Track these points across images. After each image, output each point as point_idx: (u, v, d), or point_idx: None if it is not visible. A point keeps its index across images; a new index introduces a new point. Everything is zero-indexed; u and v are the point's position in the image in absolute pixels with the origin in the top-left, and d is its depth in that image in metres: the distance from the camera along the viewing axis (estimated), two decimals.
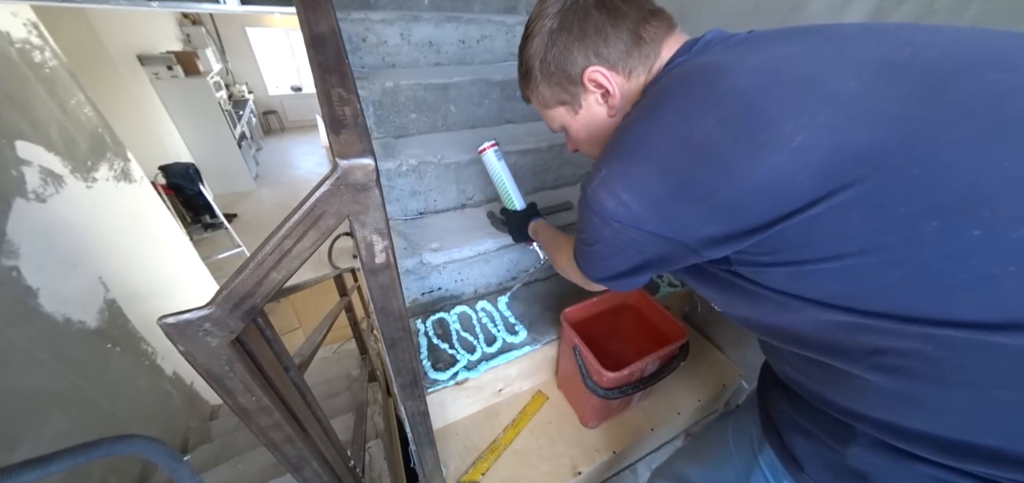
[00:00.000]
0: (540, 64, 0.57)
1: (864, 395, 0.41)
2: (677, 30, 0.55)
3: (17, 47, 1.60)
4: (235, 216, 4.31)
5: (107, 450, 0.54)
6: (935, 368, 0.34)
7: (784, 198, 0.37)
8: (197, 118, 4.32)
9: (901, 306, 0.34)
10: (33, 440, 1.23)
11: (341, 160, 0.32)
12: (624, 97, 0.55)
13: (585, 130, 0.61)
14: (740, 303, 0.49)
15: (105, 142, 1.98)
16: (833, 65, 0.37)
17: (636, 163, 0.45)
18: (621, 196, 0.46)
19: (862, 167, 0.33)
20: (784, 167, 0.36)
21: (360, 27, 1.30)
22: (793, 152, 0.35)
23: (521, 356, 1.10)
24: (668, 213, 0.44)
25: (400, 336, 0.49)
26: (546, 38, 0.55)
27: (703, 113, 0.41)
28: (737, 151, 0.38)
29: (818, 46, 0.40)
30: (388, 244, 0.39)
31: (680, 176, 0.42)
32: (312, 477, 0.51)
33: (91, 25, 3.22)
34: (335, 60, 0.39)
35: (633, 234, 0.47)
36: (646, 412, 1.21)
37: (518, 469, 1.05)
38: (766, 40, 0.45)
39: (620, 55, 0.52)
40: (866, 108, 0.34)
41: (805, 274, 0.38)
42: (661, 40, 0.52)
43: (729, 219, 0.40)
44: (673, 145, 0.43)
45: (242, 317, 0.34)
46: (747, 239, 0.40)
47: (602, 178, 0.48)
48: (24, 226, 1.38)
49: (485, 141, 1.00)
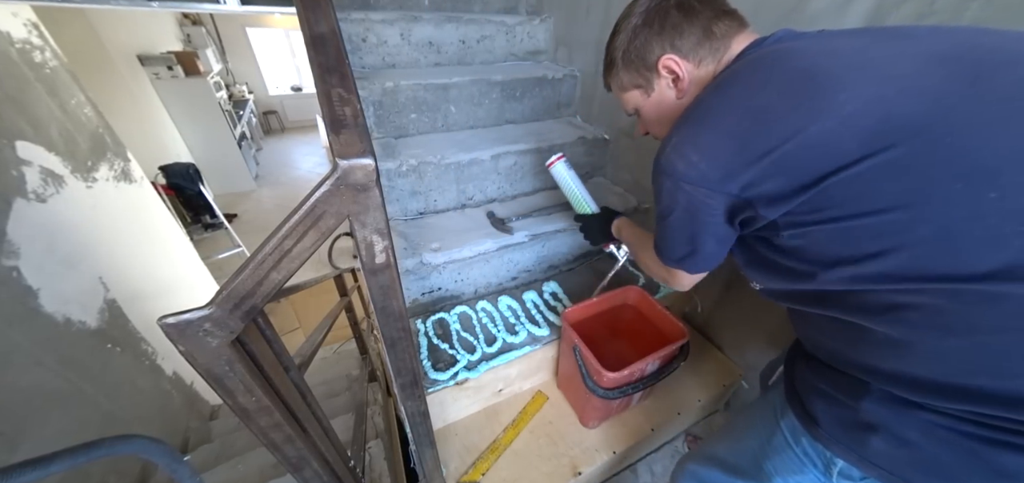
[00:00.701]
0: (623, 55, 0.65)
1: (878, 349, 0.46)
2: (748, 29, 0.60)
3: (17, 47, 1.60)
4: (235, 216, 4.31)
5: (107, 450, 0.54)
6: (942, 318, 0.40)
7: (832, 155, 0.42)
8: (197, 118, 4.32)
9: (925, 263, 0.39)
10: (33, 440, 1.23)
11: (341, 160, 0.32)
12: (692, 82, 0.61)
13: (655, 110, 0.68)
14: (778, 276, 0.55)
15: (105, 142, 1.98)
16: (893, 55, 0.43)
17: (705, 128, 0.53)
18: (690, 157, 0.52)
19: (904, 132, 0.39)
20: (835, 130, 0.42)
21: (360, 27, 1.30)
22: (844, 118, 0.41)
23: (521, 356, 1.10)
24: (733, 170, 0.49)
25: (400, 336, 0.49)
26: (631, 33, 0.63)
27: (767, 86, 0.48)
28: (794, 116, 0.44)
29: (884, 40, 0.45)
30: (388, 244, 0.39)
31: (743, 137, 0.48)
32: (312, 477, 0.51)
33: (91, 25, 3.22)
34: (335, 60, 0.39)
35: (703, 195, 0.53)
36: (646, 412, 1.21)
37: (518, 469, 1.05)
38: (834, 34, 0.51)
39: (692, 46, 0.59)
40: (916, 86, 0.40)
41: (845, 232, 0.43)
42: (731, 36, 0.59)
43: (784, 175, 0.46)
44: (738, 112, 0.50)
45: (242, 317, 0.34)
46: (798, 196, 0.45)
47: (673, 144, 0.55)
48: (24, 226, 1.38)
49: (551, 154, 1.09)
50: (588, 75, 1.51)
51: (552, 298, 1.27)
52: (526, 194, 1.45)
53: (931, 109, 0.38)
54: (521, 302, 1.24)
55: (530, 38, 1.61)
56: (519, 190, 1.43)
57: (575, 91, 1.58)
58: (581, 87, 1.56)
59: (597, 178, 1.58)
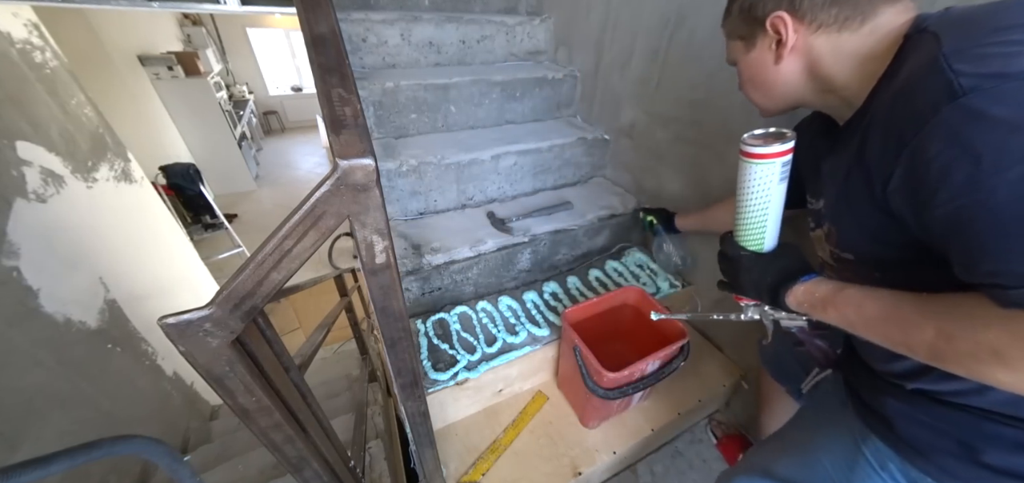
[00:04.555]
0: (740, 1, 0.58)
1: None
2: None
3: (18, 48, 1.60)
4: (235, 216, 4.31)
5: (107, 450, 0.54)
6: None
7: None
8: (197, 118, 4.32)
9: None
10: (33, 440, 1.23)
11: (341, 160, 0.32)
12: (800, 51, 0.53)
13: (749, 69, 0.60)
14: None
15: (105, 142, 1.98)
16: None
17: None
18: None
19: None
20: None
21: (360, 27, 1.30)
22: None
23: (521, 356, 1.10)
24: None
25: (400, 336, 0.49)
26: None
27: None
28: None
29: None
30: (388, 244, 0.39)
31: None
32: (312, 477, 0.51)
33: (91, 26, 3.22)
34: (336, 60, 0.39)
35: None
36: (646, 412, 1.21)
37: (518, 469, 1.05)
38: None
39: (819, 4, 0.49)
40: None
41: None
42: (880, 3, 0.47)
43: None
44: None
45: (242, 317, 0.34)
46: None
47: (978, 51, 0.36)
48: (25, 226, 1.38)
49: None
50: (588, 75, 1.51)
51: (552, 298, 1.27)
52: (526, 194, 1.45)
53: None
54: (521, 302, 1.24)
55: (530, 38, 1.61)
56: (519, 190, 1.43)
57: (575, 91, 1.58)
58: (581, 87, 1.56)
59: (597, 178, 1.58)
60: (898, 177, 0.42)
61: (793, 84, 0.56)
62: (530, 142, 1.34)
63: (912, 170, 0.40)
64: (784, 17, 0.51)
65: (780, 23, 0.52)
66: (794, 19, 0.51)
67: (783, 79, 0.56)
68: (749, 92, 0.63)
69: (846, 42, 0.50)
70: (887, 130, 0.43)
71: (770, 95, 0.60)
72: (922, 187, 0.39)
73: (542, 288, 1.30)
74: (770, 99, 0.61)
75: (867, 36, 0.48)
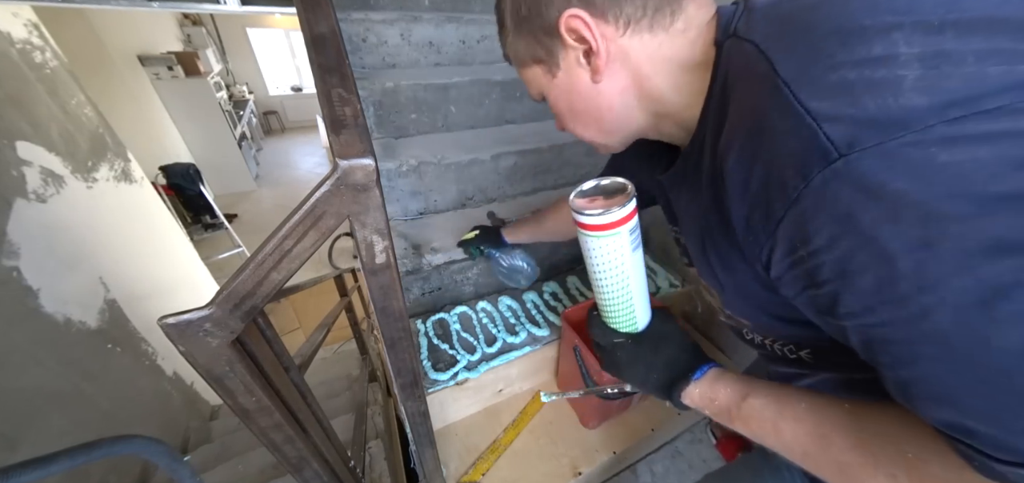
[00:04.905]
0: (511, 6, 0.43)
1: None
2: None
3: (18, 48, 1.60)
4: (235, 216, 4.31)
5: (107, 450, 0.54)
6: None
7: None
8: (197, 118, 4.33)
9: None
10: (33, 440, 1.23)
11: (341, 160, 0.32)
12: (617, 59, 0.39)
13: (565, 99, 0.45)
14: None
15: (105, 142, 1.98)
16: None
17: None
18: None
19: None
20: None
21: (360, 27, 1.30)
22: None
23: (521, 356, 1.10)
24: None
25: (400, 336, 0.49)
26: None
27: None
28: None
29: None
30: (388, 244, 0.39)
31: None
32: (312, 477, 0.51)
33: (91, 25, 3.22)
34: (335, 60, 0.39)
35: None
36: (646, 412, 1.21)
37: (518, 469, 1.05)
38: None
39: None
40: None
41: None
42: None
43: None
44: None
45: (242, 317, 0.34)
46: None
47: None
48: (25, 226, 1.38)
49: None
50: None
51: (552, 298, 1.27)
52: (526, 194, 1.45)
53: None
54: (521, 302, 1.24)
55: None
56: (519, 190, 1.43)
57: None
58: None
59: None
60: (780, 262, 0.31)
61: (626, 106, 0.42)
62: (530, 142, 1.34)
63: (795, 258, 0.29)
64: (580, 15, 0.37)
65: (578, 24, 0.38)
66: (594, 17, 0.37)
67: (609, 102, 0.42)
68: (575, 128, 0.48)
69: (663, 46, 0.38)
70: (743, 185, 0.31)
71: (603, 127, 0.46)
72: (814, 286, 0.29)
73: (542, 288, 1.30)
74: (605, 133, 0.46)
75: (680, 36, 0.38)
